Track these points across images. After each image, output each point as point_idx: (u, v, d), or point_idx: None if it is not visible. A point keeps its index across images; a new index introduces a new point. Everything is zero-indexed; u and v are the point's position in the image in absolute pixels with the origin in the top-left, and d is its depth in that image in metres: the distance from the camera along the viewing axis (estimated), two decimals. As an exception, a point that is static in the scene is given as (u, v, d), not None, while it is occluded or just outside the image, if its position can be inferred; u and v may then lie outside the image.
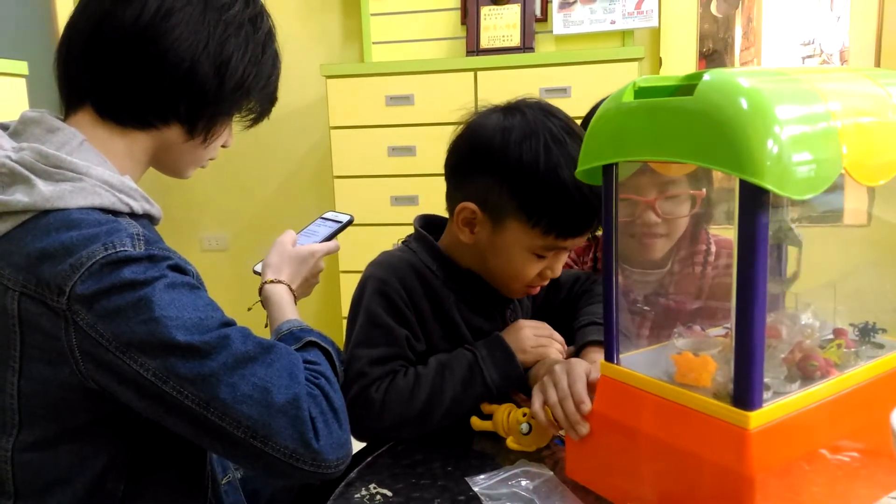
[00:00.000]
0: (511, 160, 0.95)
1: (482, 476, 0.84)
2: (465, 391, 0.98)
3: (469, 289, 1.06)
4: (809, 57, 2.59)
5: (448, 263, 1.06)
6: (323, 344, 0.90)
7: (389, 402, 0.96)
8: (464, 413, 0.98)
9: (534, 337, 1.03)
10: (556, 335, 1.06)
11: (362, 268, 1.10)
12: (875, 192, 0.79)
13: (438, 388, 0.97)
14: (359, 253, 1.84)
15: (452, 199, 1.04)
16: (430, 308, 1.03)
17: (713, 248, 1.20)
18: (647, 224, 1.10)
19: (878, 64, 2.52)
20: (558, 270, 1.03)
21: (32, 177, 0.78)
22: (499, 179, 0.96)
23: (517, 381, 1.00)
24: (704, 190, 1.02)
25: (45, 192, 0.77)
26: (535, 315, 1.17)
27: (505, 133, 0.96)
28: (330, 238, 1.13)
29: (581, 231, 0.97)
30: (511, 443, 0.92)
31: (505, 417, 0.94)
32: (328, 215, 1.20)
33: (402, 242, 1.12)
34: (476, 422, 0.98)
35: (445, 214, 1.09)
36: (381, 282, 1.02)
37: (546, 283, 1.06)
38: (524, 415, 0.93)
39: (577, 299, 1.18)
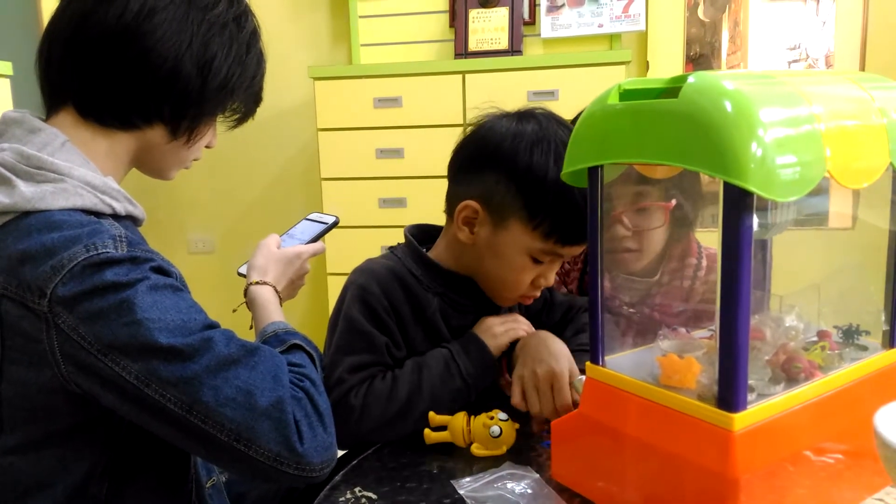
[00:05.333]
0: (521, 161, 0.96)
1: (468, 479, 0.83)
2: (443, 386, 0.98)
3: (456, 290, 1.06)
4: (795, 61, 2.61)
5: (433, 268, 1.06)
6: (307, 348, 0.89)
7: (369, 406, 0.95)
8: (444, 411, 0.97)
9: (500, 323, 1.04)
10: (521, 318, 1.07)
11: (350, 270, 1.09)
12: (860, 196, 0.80)
13: (416, 386, 0.97)
14: (346, 255, 1.84)
15: (454, 198, 1.04)
16: (411, 314, 1.03)
17: (704, 263, 1.19)
18: (616, 238, 1.09)
19: (862, 68, 2.54)
20: (551, 280, 1.04)
21: (13, 178, 0.77)
22: (506, 178, 0.97)
23: (492, 373, 1.01)
24: (674, 201, 1.02)
25: (27, 194, 0.76)
26: None
27: (517, 137, 0.97)
28: (315, 239, 1.13)
29: (578, 240, 0.98)
30: (476, 449, 0.90)
31: (465, 425, 0.91)
32: (313, 216, 1.19)
33: (389, 249, 1.11)
34: (430, 434, 0.93)
35: (432, 217, 1.09)
36: (361, 289, 1.02)
37: (537, 294, 1.06)
38: (490, 418, 0.90)
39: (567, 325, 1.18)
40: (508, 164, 0.97)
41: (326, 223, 1.16)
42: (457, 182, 1.05)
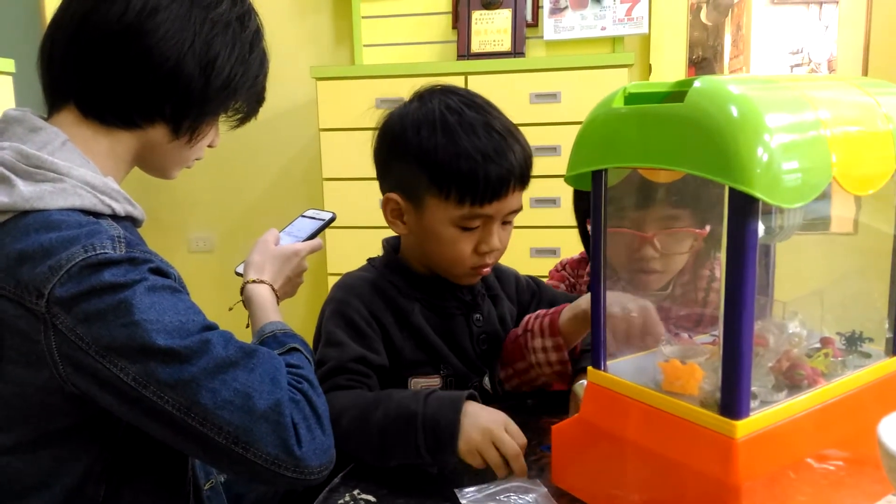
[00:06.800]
0: (411, 141, 0.99)
1: (472, 488, 0.82)
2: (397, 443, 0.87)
3: (433, 294, 1.07)
4: (798, 66, 2.60)
5: (409, 274, 1.07)
6: (305, 352, 0.89)
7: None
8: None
9: (481, 434, 0.84)
10: (507, 442, 0.84)
11: (350, 269, 1.09)
12: (862, 201, 0.79)
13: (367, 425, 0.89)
14: (347, 255, 1.83)
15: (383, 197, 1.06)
16: (395, 322, 1.04)
17: (717, 275, 1.18)
18: (644, 259, 1.09)
19: (865, 73, 2.53)
20: (495, 243, 1.01)
21: (13, 177, 0.77)
22: (406, 162, 0.99)
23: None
24: (708, 228, 1.00)
25: (25, 193, 0.76)
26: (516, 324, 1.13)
27: (403, 118, 1.01)
28: (313, 236, 1.12)
29: (494, 195, 0.97)
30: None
31: None
32: (309, 213, 1.18)
33: (367, 261, 1.13)
34: None
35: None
36: (340, 303, 1.04)
37: (488, 261, 1.02)
38: None
39: None
40: (403, 148, 1.00)
41: (323, 220, 1.15)
42: (379, 181, 1.08)
